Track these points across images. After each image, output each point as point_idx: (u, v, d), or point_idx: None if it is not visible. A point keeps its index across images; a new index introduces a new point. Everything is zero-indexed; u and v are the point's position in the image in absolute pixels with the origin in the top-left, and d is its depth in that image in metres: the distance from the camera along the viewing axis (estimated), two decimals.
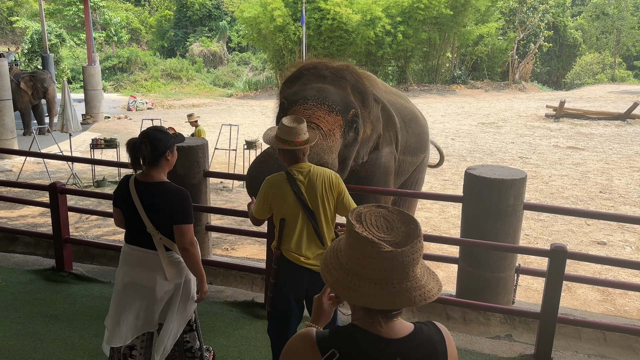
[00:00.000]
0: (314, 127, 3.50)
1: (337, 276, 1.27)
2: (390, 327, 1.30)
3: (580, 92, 25.43)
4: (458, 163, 12.04)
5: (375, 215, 1.28)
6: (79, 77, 25.70)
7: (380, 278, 1.21)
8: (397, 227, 1.26)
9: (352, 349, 1.28)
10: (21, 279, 4.47)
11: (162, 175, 2.71)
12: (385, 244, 1.20)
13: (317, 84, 3.79)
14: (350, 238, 1.26)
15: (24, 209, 8.24)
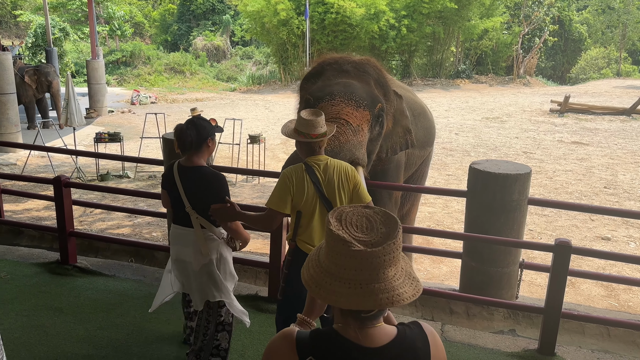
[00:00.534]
0: (343, 123, 3.49)
1: (312, 273, 1.26)
2: (369, 334, 1.25)
3: (585, 87, 25.30)
4: (462, 158, 12.01)
5: (357, 215, 1.26)
6: (82, 71, 25.72)
7: (349, 277, 1.19)
8: (377, 228, 1.23)
9: (328, 357, 1.24)
10: (26, 272, 4.49)
11: (202, 160, 2.98)
12: (356, 244, 1.18)
13: (341, 79, 3.76)
14: (327, 236, 1.24)
15: (29, 203, 8.27)
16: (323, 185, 2.75)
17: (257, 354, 3.37)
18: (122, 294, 4.15)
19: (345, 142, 3.44)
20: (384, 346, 1.25)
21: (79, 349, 3.37)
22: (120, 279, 4.46)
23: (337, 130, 3.46)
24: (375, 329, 1.26)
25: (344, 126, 3.48)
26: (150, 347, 3.41)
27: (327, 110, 3.59)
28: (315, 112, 2.83)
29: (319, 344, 1.27)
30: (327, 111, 3.59)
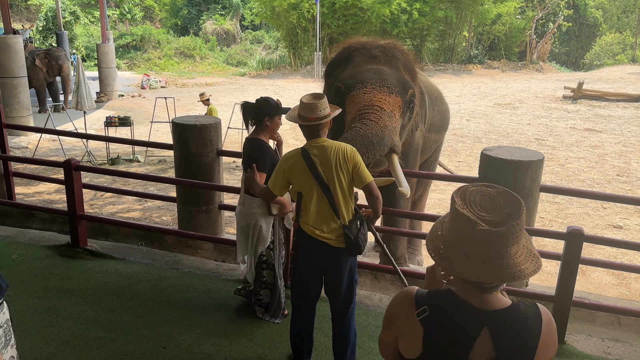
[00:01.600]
0: (377, 109, 3.44)
1: (437, 246, 1.37)
2: (485, 299, 1.35)
3: (600, 73, 24.90)
4: (473, 144, 11.91)
5: (481, 194, 1.33)
6: (93, 55, 25.74)
7: (473, 253, 1.28)
8: (501, 207, 1.30)
9: (442, 310, 1.35)
10: (37, 254, 4.52)
11: (261, 135, 3.33)
12: (482, 223, 1.27)
13: (371, 65, 3.70)
14: (452, 214, 1.34)
15: (40, 186, 8.33)
16: (320, 168, 2.73)
17: (266, 338, 3.38)
18: (132, 277, 4.18)
19: (384, 126, 3.39)
20: (495, 310, 1.33)
21: (89, 330, 3.40)
22: (130, 262, 4.49)
23: (374, 115, 3.41)
24: (490, 296, 1.35)
25: (379, 112, 3.43)
26: (160, 330, 3.43)
27: (359, 99, 3.53)
28: (316, 96, 2.80)
29: (434, 298, 1.38)
30: (359, 99, 3.53)
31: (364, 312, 3.78)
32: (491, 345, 1.31)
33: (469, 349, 1.31)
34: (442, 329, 1.33)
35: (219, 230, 5.03)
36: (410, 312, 1.37)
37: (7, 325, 2.03)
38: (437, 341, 1.33)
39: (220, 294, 3.95)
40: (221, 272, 4.36)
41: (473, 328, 1.32)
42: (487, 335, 1.31)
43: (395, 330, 1.43)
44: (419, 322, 1.35)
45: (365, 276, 4.48)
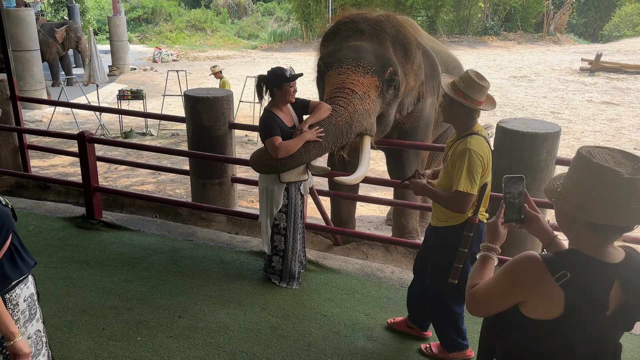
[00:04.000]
0: (348, 92, 3.41)
1: (573, 202, 1.45)
2: (608, 252, 1.46)
3: (619, 44, 24.30)
4: (488, 117, 11.76)
5: (602, 153, 1.44)
6: (104, 28, 25.65)
7: (620, 201, 1.38)
8: (622, 162, 1.42)
9: (580, 271, 1.43)
10: (53, 225, 4.59)
11: (275, 104, 3.38)
12: (624, 173, 1.38)
13: (353, 42, 3.64)
14: (585, 170, 1.43)
15: (55, 159, 8.42)
16: None
17: (279, 308, 3.42)
18: (147, 248, 4.23)
19: (353, 112, 3.38)
20: (621, 262, 1.46)
21: (106, 300, 3.46)
22: (145, 233, 4.54)
23: (344, 100, 3.40)
24: (611, 248, 1.47)
25: (349, 95, 3.41)
26: (175, 300, 3.48)
27: (334, 79, 3.52)
28: (484, 77, 2.70)
29: (567, 260, 1.45)
30: (333, 80, 3.52)
31: (377, 284, 3.80)
32: (621, 293, 1.42)
33: (607, 303, 1.42)
34: (583, 290, 1.42)
35: (231, 202, 5.06)
36: (544, 277, 1.43)
37: (32, 299, 2.05)
38: (579, 301, 1.41)
39: (234, 265, 3.99)
40: (235, 244, 4.40)
41: (608, 283, 1.42)
42: (617, 285, 1.42)
43: (522, 295, 1.49)
44: (558, 287, 1.41)
45: (377, 249, 4.49)
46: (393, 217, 4.81)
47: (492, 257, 1.69)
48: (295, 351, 3.02)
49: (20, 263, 1.97)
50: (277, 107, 3.39)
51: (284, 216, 3.55)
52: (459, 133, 2.73)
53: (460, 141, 2.65)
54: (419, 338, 3.17)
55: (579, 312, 1.43)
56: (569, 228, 1.51)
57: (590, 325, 1.44)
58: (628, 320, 1.48)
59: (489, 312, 1.61)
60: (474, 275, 1.67)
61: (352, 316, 3.38)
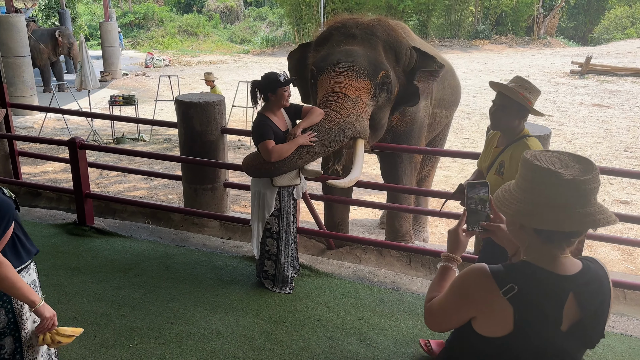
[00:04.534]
0: (341, 97, 3.43)
1: (517, 208, 1.37)
2: (561, 263, 1.38)
3: (608, 47, 24.52)
4: (479, 121, 11.83)
5: (547, 155, 1.39)
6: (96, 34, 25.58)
7: (563, 205, 1.31)
8: (570, 165, 1.36)
9: (530, 285, 1.35)
10: (45, 232, 4.56)
11: (269, 108, 3.38)
12: (567, 174, 1.32)
13: (345, 47, 3.66)
14: (529, 173, 1.37)
15: (46, 165, 8.37)
16: None
17: (272, 313, 3.41)
18: (139, 255, 4.21)
19: (346, 116, 3.40)
20: (576, 274, 1.38)
21: (97, 307, 3.44)
22: (137, 240, 4.52)
23: (337, 104, 3.42)
24: (566, 259, 1.39)
25: (342, 100, 3.42)
26: (167, 306, 3.46)
27: (326, 84, 3.54)
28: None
29: (516, 273, 1.37)
30: (326, 84, 3.54)
31: (369, 288, 3.80)
32: (577, 308, 1.35)
33: (560, 318, 1.34)
34: (533, 304, 1.33)
35: (224, 208, 5.05)
36: (492, 291, 1.35)
37: (34, 285, 2.20)
38: (529, 316, 1.33)
39: (227, 271, 3.98)
40: (227, 249, 4.39)
41: (561, 296, 1.35)
42: (572, 299, 1.35)
43: (472, 311, 1.41)
44: (506, 301, 1.33)
45: (371, 252, 4.49)
46: (386, 221, 4.81)
47: (453, 267, 1.61)
48: (289, 356, 3.01)
49: (23, 251, 2.10)
50: (270, 112, 3.39)
51: (276, 220, 3.54)
52: (510, 137, 2.71)
53: (516, 145, 2.65)
54: (412, 342, 3.17)
55: (529, 328, 1.34)
56: (520, 238, 1.43)
57: (543, 342, 1.35)
58: (587, 337, 1.39)
59: (446, 327, 1.51)
60: (433, 287, 1.59)
61: (345, 320, 3.38)
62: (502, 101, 2.67)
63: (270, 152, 3.22)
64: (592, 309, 1.36)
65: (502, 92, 2.66)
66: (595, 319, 1.38)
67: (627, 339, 3.29)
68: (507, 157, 2.67)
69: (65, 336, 2.19)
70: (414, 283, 3.91)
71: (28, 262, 2.15)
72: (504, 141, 2.75)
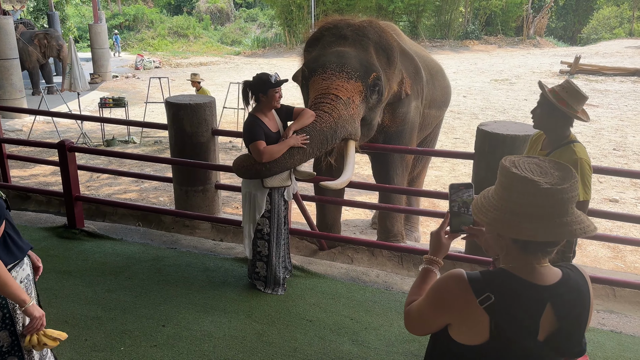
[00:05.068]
0: (333, 98, 3.43)
1: (493, 216, 1.34)
2: (540, 272, 1.35)
3: (597, 47, 24.73)
4: (470, 121, 11.88)
5: (528, 163, 1.35)
6: (85, 36, 25.43)
7: (540, 214, 1.28)
8: (550, 172, 1.32)
9: (507, 294, 1.32)
10: (34, 236, 4.52)
11: (260, 109, 3.38)
12: (544, 182, 1.28)
13: (337, 47, 3.66)
14: (506, 180, 1.33)
15: (36, 168, 8.31)
16: None
17: (264, 315, 3.41)
18: (130, 257, 4.19)
19: (337, 117, 3.40)
20: (554, 284, 1.35)
21: (88, 310, 3.42)
22: (128, 242, 4.49)
23: (329, 106, 3.42)
24: (544, 268, 1.36)
25: (334, 101, 3.43)
26: (159, 309, 3.45)
27: (318, 85, 3.55)
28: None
29: (494, 282, 1.34)
30: (318, 85, 3.54)
31: (361, 288, 3.81)
32: (554, 318, 1.33)
33: (537, 328, 1.32)
34: (510, 314, 1.31)
35: (216, 209, 5.03)
36: (468, 299, 1.32)
37: (27, 280, 2.21)
38: (505, 326, 1.31)
39: (219, 273, 3.97)
40: (219, 251, 4.38)
41: (538, 306, 1.32)
42: (550, 309, 1.33)
43: (448, 318, 1.40)
44: (482, 310, 1.30)
45: (363, 253, 4.50)
46: (378, 221, 4.83)
47: (434, 270, 1.58)
48: (281, 357, 3.01)
49: (15, 249, 2.13)
50: (261, 113, 3.40)
51: (267, 221, 3.54)
52: (555, 142, 2.70)
53: (562, 150, 2.64)
54: (404, 341, 3.18)
55: (505, 338, 1.32)
56: (498, 245, 1.40)
57: (519, 352, 1.33)
58: (566, 347, 1.36)
59: (424, 332, 1.49)
60: (414, 290, 1.57)
61: (337, 321, 3.38)
62: (542, 100, 2.69)
63: (262, 152, 3.22)
64: (570, 319, 1.34)
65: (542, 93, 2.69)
66: (573, 328, 1.36)
67: (617, 336, 3.31)
68: None
69: (51, 339, 2.19)
70: (406, 283, 3.92)
71: (21, 258, 2.17)
72: (549, 145, 2.73)
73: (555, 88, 2.65)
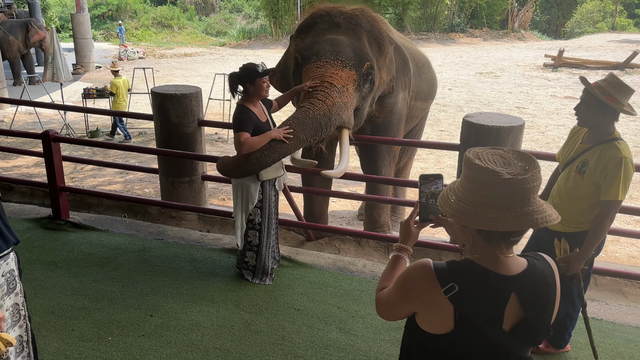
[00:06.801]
0: (327, 86, 3.43)
1: (457, 207, 1.35)
2: (505, 263, 1.37)
3: (580, 41, 24.99)
4: (455, 113, 11.96)
5: (491, 154, 1.37)
6: (67, 25, 25.03)
7: (501, 204, 1.29)
8: (514, 162, 1.33)
9: (471, 285, 1.34)
10: (18, 227, 4.47)
11: (249, 99, 3.38)
12: (506, 173, 1.30)
13: (330, 35, 3.65)
14: (470, 172, 1.34)
15: (18, 160, 8.20)
16: None
17: (252, 304, 3.42)
18: (117, 248, 4.17)
19: (332, 105, 3.41)
20: (519, 274, 1.37)
21: (75, 301, 3.40)
22: (114, 233, 4.47)
23: (323, 94, 3.42)
24: (509, 259, 1.37)
25: (328, 89, 3.44)
26: (146, 299, 3.44)
27: (312, 73, 3.54)
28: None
29: (458, 272, 1.36)
30: (312, 73, 3.54)
31: (348, 278, 3.84)
32: (519, 307, 1.35)
33: (501, 317, 1.34)
34: (474, 304, 1.33)
35: (202, 200, 5.02)
36: (433, 288, 1.35)
37: (11, 275, 2.14)
38: (469, 316, 1.33)
39: (206, 263, 3.97)
40: (206, 241, 4.37)
41: (503, 297, 1.34)
42: (514, 299, 1.35)
43: (414, 306, 1.43)
44: (447, 300, 1.33)
45: (350, 243, 4.53)
46: (365, 212, 4.86)
47: (404, 257, 1.62)
48: (269, 346, 3.03)
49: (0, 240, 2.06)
50: (250, 102, 3.40)
51: (258, 211, 3.56)
52: (599, 137, 2.62)
53: (606, 147, 2.57)
54: (390, 329, 3.22)
55: (469, 327, 1.34)
56: (464, 236, 1.42)
57: (484, 341, 1.35)
58: (531, 336, 1.39)
59: (393, 318, 1.53)
60: (385, 276, 1.60)
61: (325, 309, 3.41)
62: (585, 96, 2.63)
63: (242, 144, 3.22)
64: (535, 309, 1.36)
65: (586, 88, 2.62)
66: (539, 318, 1.38)
67: (598, 323, 3.39)
68: (592, 157, 2.61)
69: (6, 342, 1.96)
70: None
71: (7, 251, 2.11)
72: (591, 139, 2.66)
73: (600, 83, 2.59)
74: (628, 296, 3.85)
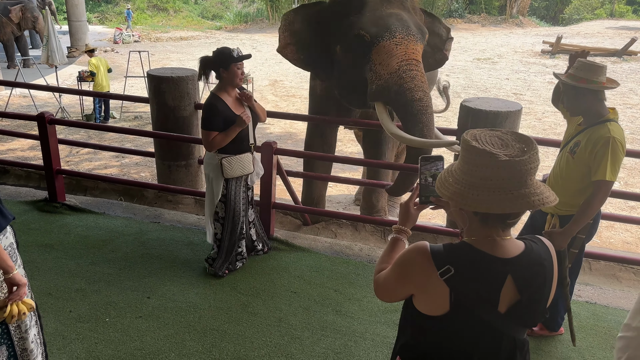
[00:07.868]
0: (415, 64, 3.31)
1: (453, 190, 1.34)
2: (502, 245, 1.37)
3: (578, 27, 24.90)
4: (452, 99, 11.90)
5: (489, 135, 1.35)
6: (61, 8, 24.74)
7: (498, 186, 1.28)
8: (511, 144, 1.32)
9: (467, 267, 1.35)
10: (14, 209, 4.45)
11: (223, 88, 3.30)
12: (503, 155, 1.29)
13: (388, 9, 3.48)
14: (467, 154, 1.33)
15: (14, 143, 8.15)
16: None
17: (249, 287, 3.44)
18: (113, 231, 4.17)
19: (426, 85, 3.32)
20: (515, 257, 1.37)
21: (72, 283, 3.41)
22: (111, 216, 4.47)
23: (418, 74, 3.31)
24: (506, 241, 1.38)
25: (418, 67, 3.32)
26: (143, 281, 3.45)
27: (393, 50, 3.34)
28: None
29: (454, 254, 1.37)
30: (393, 51, 3.34)
31: (345, 261, 3.86)
32: (515, 289, 1.35)
33: (496, 300, 1.35)
34: (469, 286, 1.34)
35: (199, 184, 5.01)
36: (429, 271, 1.36)
37: (12, 247, 2.19)
38: (465, 298, 1.34)
39: (203, 247, 3.97)
40: (203, 225, 4.37)
41: (498, 279, 1.35)
42: (510, 281, 1.35)
43: (411, 288, 1.44)
44: (443, 282, 1.34)
45: (346, 228, 4.54)
46: (363, 196, 4.86)
47: (402, 239, 1.62)
48: (266, 327, 3.05)
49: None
50: (224, 91, 3.31)
51: (222, 205, 3.46)
52: (591, 119, 2.64)
53: (596, 128, 2.59)
54: (386, 311, 3.25)
55: (465, 309, 1.35)
56: (461, 218, 1.42)
57: (480, 322, 1.36)
58: (526, 318, 1.40)
59: (390, 299, 1.54)
60: (383, 258, 1.61)
61: (321, 292, 3.43)
62: (564, 88, 2.69)
63: (210, 143, 3.23)
64: (531, 291, 1.36)
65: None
66: (535, 301, 1.38)
67: (592, 307, 3.43)
68: (584, 138, 2.63)
69: (29, 306, 2.11)
70: None
71: (4, 226, 2.14)
72: (585, 122, 2.69)
73: (570, 71, 2.65)
74: (622, 281, 3.89)
